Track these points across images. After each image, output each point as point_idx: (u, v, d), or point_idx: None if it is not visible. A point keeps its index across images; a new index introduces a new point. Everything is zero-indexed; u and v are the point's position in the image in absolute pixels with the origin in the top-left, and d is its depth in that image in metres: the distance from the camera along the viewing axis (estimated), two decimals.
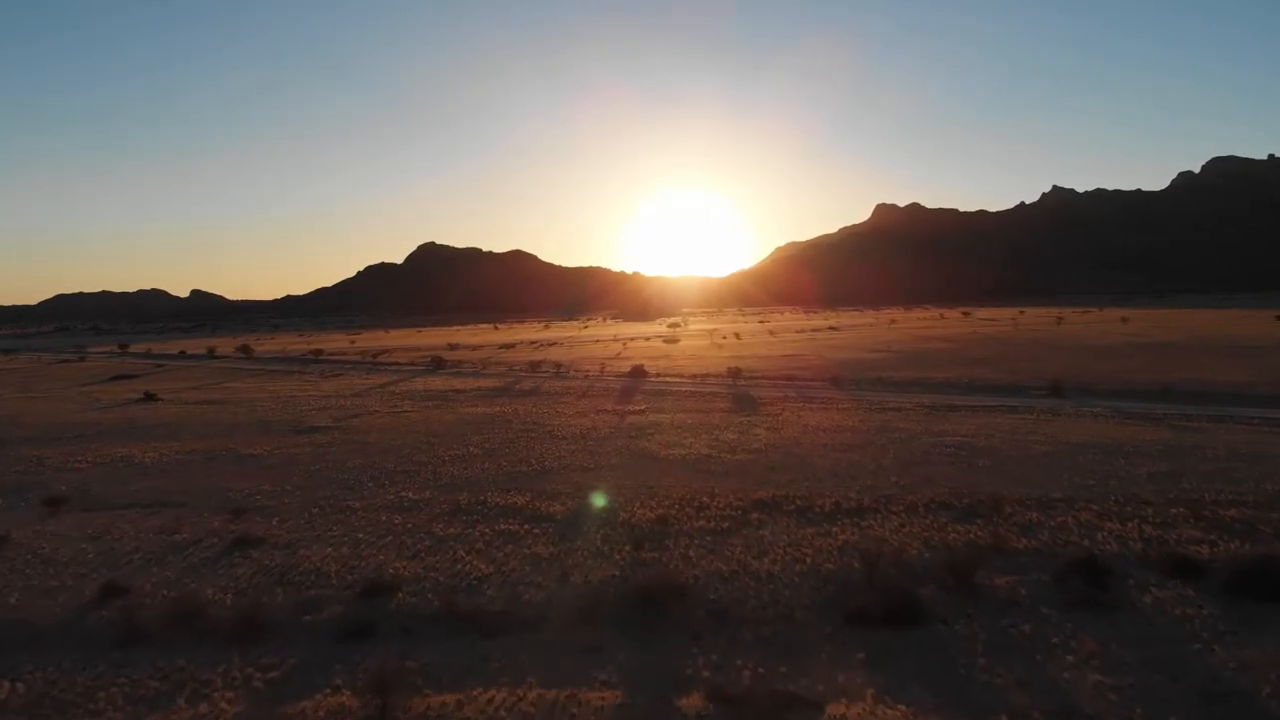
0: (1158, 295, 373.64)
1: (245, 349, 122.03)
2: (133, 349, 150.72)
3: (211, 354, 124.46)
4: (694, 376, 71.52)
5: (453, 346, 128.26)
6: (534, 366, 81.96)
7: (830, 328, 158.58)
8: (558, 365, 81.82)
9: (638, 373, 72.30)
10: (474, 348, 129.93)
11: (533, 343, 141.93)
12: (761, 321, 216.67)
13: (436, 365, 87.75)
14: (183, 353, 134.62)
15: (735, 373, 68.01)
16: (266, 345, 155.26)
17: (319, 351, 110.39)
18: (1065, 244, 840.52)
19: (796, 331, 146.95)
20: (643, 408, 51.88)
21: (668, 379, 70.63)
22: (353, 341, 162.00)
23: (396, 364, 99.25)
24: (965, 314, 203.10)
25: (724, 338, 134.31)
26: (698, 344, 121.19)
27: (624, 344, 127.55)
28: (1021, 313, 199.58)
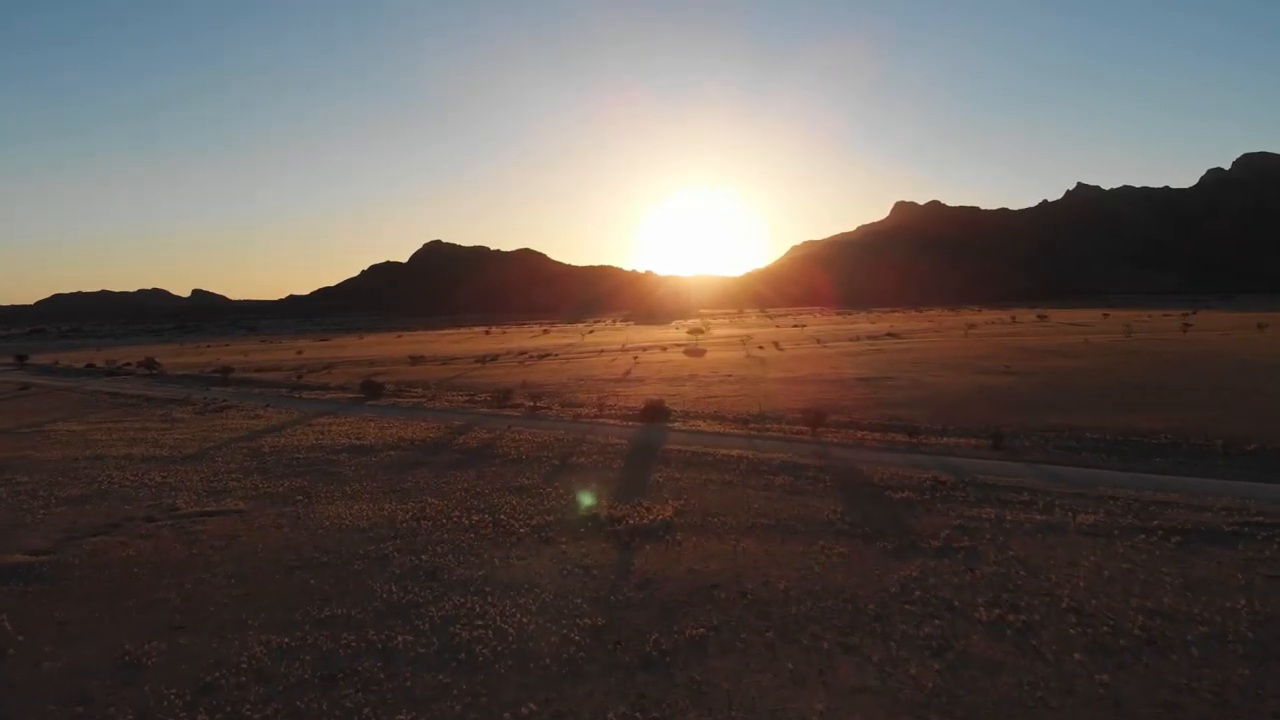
0: (1225, 297, 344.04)
1: (150, 364, 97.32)
2: (40, 360, 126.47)
3: (114, 370, 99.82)
4: (744, 422, 45.66)
5: (416, 360, 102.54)
6: (503, 398, 56.23)
7: (889, 334, 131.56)
8: (536, 398, 56.08)
9: (654, 413, 46.58)
10: (444, 360, 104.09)
11: (521, 354, 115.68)
12: (797, 326, 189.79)
13: (370, 393, 62.26)
14: (90, 366, 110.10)
15: (813, 417, 42.00)
16: (202, 356, 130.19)
17: (228, 370, 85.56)
18: (1093, 242, 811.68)
19: (849, 340, 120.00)
20: (668, 512, 26.07)
21: (702, 425, 44.87)
22: (300, 352, 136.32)
23: (325, 385, 73.67)
24: (1041, 317, 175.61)
25: (760, 348, 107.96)
26: (729, 357, 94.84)
27: (635, 357, 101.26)
28: (1107, 315, 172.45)
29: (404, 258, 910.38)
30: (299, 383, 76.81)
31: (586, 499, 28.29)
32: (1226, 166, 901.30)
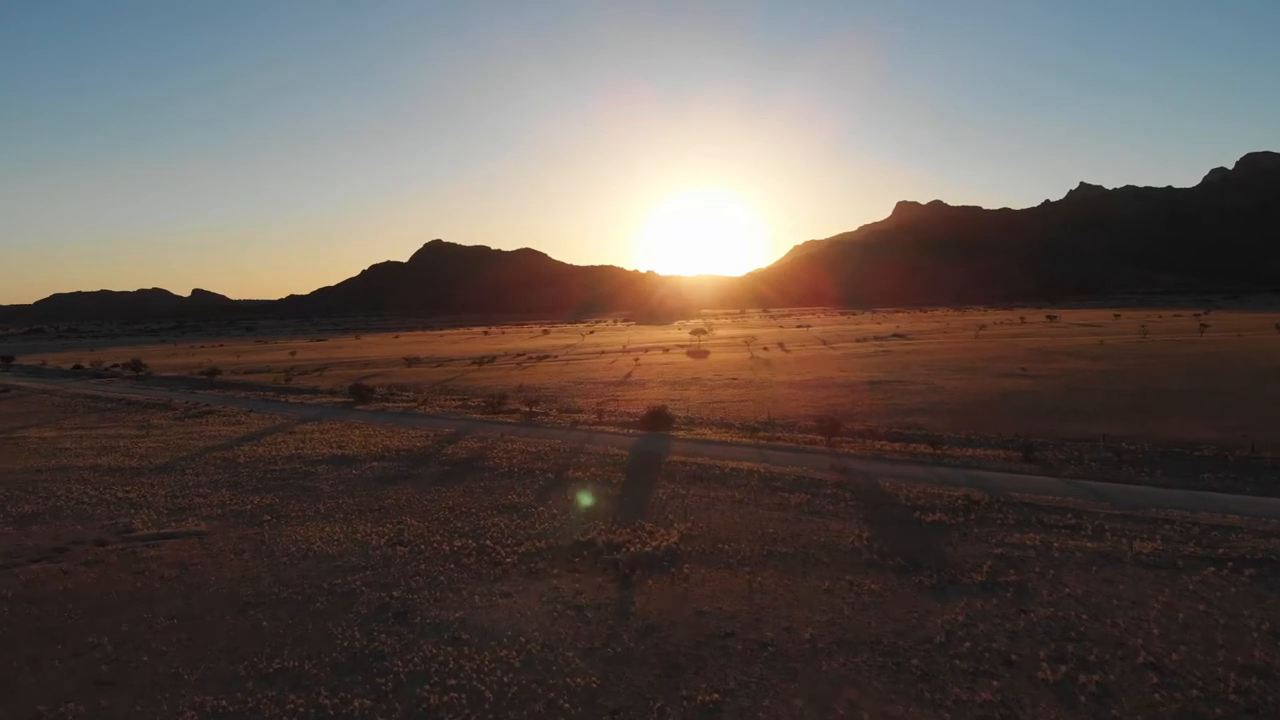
0: (1232, 296, 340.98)
1: (137, 365, 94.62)
2: (28, 361, 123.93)
3: (101, 372, 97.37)
4: (753, 430, 42.98)
5: (411, 361, 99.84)
6: (497, 403, 53.59)
7: (896, 335, 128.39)
8: (532, 403, 53.36)
9: (657, 419, 43.87)
10: (440, 362, 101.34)
11: (519, 355, 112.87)
12: (801, 326, 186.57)
13: (359, 397, 59.56)
14: (78, 367, 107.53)
15: (827, 425, 39.28)
16: (193, 357, 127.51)
17: (214, 373, 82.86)
18: (1095, 242, 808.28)
19: (855, 341, 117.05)
20: (674, 537, 23.36)
21: (708, 433, 42.17)
22: (293, 353, 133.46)
23: (314, 389, 70.97)
24: (1051, 317, 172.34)
25: (765, 349, 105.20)
26: (734, 359, 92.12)
27: (636, 359, 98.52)
28: (1118, 315, 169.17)
29: (405, 257, 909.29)
30: (287, 386, 74.11)
31: (581, 520, 25.59)
32: (1229, 166, 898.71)
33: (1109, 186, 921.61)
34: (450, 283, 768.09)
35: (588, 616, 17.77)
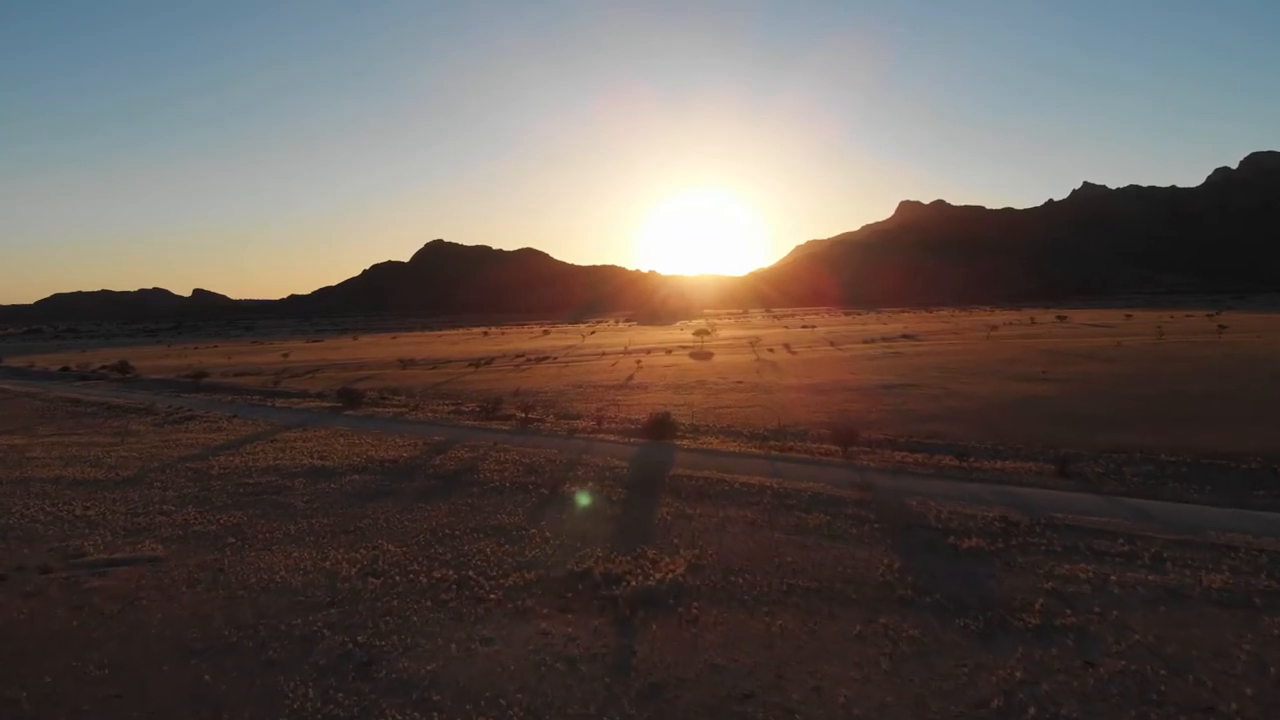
0: (1238, 296, 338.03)
1: (124, 367, 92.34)
2: (15, 362, 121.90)
3: (86, 374, 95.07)
4: (763, 439, 40.45)
5: (406, 363, 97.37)
6: (492, 409, 51.09)
7: (904, 335, 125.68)
8: (528, 408, 50.79)
9: (659, 428, 41.37)
10: (436, 364, 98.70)
11: (518, 356, 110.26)
12: (806, 327, 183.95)
13: (348, 401, 57.05)
14: (65, 369, 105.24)
15: (842, 434, 36.77)
16: (185, 359, 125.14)
17: (201, 376, 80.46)
18: (1098, 242, 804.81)
19: (863, 342, 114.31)
20: (680, 568, 20.82)
21: (714, 443, 39.65)
22: (287, 355, 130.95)
23: (303, 393, 68.41)
24: (1061, 318, 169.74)
25: (770, 350, 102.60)
26: (738, 361, 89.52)
27: (638, 360, 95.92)
28: (1129, 316, 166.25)
29: (406, 257, 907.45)
30: (276, 389, 71.60)
31: (576, 545, 23.05)
32: (1233, 166, 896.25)
33: (1112, 186, 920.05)
34: (451, 283, 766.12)
35: (581, 672, 15.24)
